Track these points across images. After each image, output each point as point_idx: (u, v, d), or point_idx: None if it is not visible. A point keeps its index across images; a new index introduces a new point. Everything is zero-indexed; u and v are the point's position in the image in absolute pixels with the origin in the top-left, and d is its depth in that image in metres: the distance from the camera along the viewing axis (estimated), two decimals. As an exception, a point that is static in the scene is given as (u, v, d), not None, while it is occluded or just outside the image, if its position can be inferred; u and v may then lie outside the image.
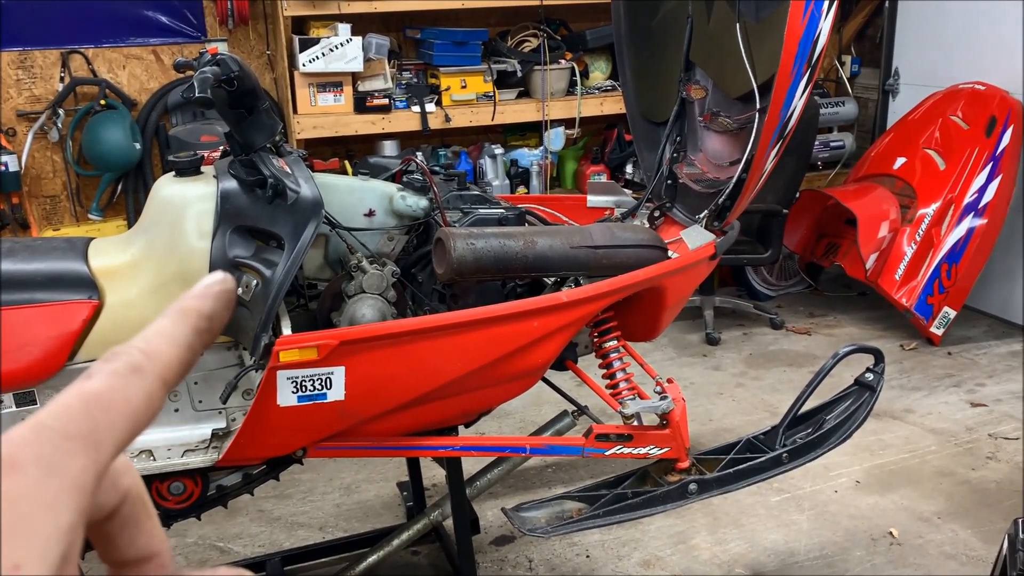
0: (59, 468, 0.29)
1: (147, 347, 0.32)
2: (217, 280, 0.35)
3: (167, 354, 0.32)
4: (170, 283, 1.70)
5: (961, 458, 3.02)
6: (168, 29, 3.86)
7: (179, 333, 0.33)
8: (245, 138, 1.74)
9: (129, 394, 0.31)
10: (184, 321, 0.33)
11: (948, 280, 3.84)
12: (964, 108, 3.96)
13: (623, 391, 1.97)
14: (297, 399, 1.63)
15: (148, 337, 0.32)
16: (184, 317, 0.33)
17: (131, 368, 0.31)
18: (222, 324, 0.35)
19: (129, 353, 0.32)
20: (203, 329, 0.34)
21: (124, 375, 0.31)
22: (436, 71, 3.88)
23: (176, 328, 0.33)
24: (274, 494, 2.84)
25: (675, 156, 2.29)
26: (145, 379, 0.31)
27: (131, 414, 0.31)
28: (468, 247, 1.72)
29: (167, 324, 0.33)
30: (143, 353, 0.32)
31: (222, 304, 0.35)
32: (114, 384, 0.30)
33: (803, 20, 1.75)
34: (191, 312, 0.34)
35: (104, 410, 0.30)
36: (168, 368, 0.32)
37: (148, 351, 0.32)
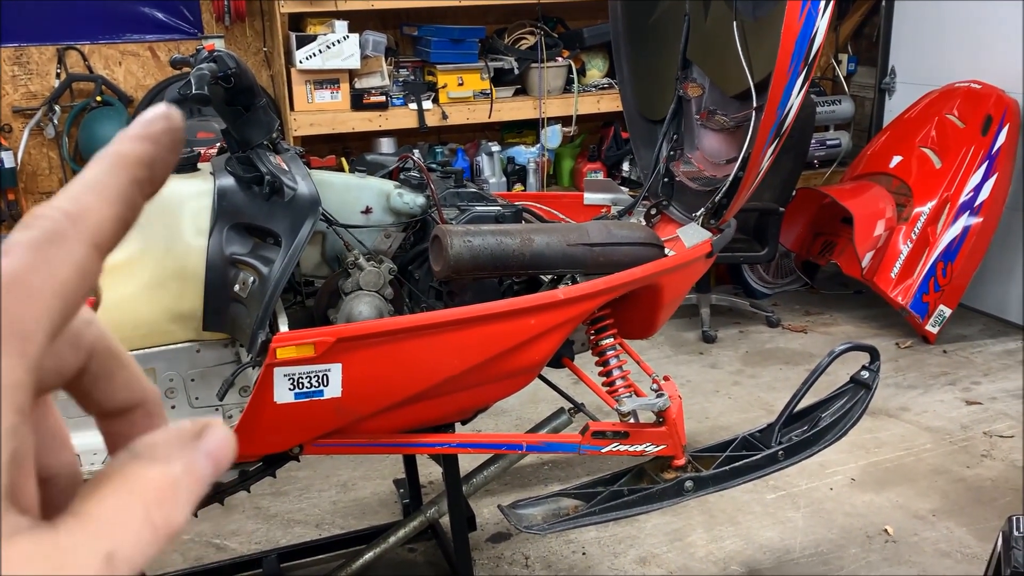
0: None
1: (72, 206, 0.26)
2: (159, 115, 0.29)
3: (98, 212, 0.27)
4: (167, 280, 1.70)
5: (956, 456, 3.03)
6: (164, 25, 3.86)
7: (113, 184, 0.27)
8: (242, 135, 1.74)
9: (52, 267, 0.26)
10: (119, 169, 0.28)
11: (944, 278, 3.85)
12: (960, 107, 3.97)
13: (620, 389, 1.98)
14: (294, 396, 1.63)
15: (74, 193, 0.27)
16: (119, 164, 0.28)
17: (51, 236, 0.26)
18: (167, 171, 0.29)
19: (48, 216, 0.26)
20: (143, 179, 0.28)
21: (44, 246, 0.26)
22: (433, 68, 3.87)
23: (109, 178, 0.27)
24: (271, 491, 2.84)
25: (672, 154, 2.29)
26: (72, 247, 0.26)
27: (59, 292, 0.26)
28: (465, 244, 1.72)
29: (98, 174, 0.27)
30: (67, 215, 0.26)
31: (166, 146, 0.29)
32: (33, 261, 0.25)
33: (800, 18, 1.75)
34: (127, 157, 0.28)
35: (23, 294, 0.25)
36: (100, 228, 0.27)
37: (73, 211, 0.26)
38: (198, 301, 1.71)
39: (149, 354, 1.74)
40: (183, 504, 0.27)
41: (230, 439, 0.29)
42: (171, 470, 0.27)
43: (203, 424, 0.29)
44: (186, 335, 1.75)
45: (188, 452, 0.28)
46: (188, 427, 0.29)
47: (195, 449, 0.28)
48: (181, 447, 0.28)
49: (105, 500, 0.27)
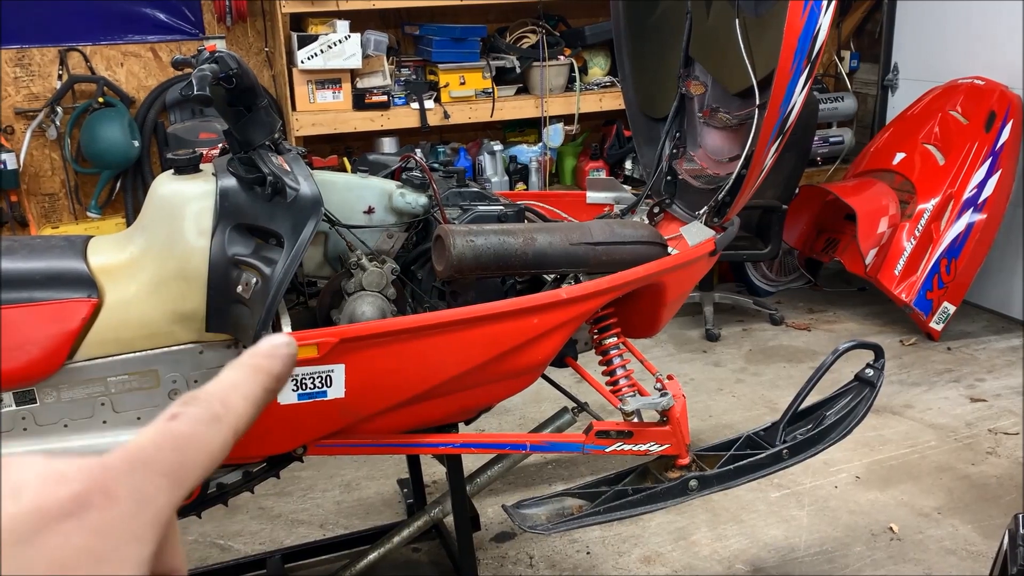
0: (150, 503, 0.31)
1: (224, 399, 0.35)
2: (285, 343, 0.38)
3: (240, 408, 0.35)
4: (169, 281, 1.70)
5: (961, 453, 3.02)
6: (166, 26, 3.86)
7: (251, 390, 0.36)
8: (244, 136, 1.73)
9: (210, 440, 0.34)
10: (256, 380, 0.37)
11: (947, 275, 3.84)
12: (963, 103, 3.96)
13: (623, 388, 1.97)
14: (297, 397, 1.63)
15: (224, 388, 0.36)
16: (256, 376, 0.37)
17: (213, 417, 0.34)
18: (284, 384, 0.38)
19: (210, 403, 0.35)
20: (271, 389, 0.37)
21: (207, 422, 0.34)
22: (435, 67, 3.87)
23: (249, 385, 0.36)
24: (274, 491, 2.84)
25: (674, 152, 2.29)
26: (222, 428, 0.34)
27: (209, 458, 0.34)
28: (468, 244, 1.72)
29: (241, 379, 0.36)
30: (222, 404, 0.35)
31: (289, 367, 0.38)
32: (199, 430, 0.34)
33: (803, 15, 1.74)
34: (264, 372, 0.37)
35: (190, 452, 0.33)
36: (240, 421, 0.35)
37: (225, 403, 0.35)
38: (200, 302, 1.70)
39: (152, 356, 1.74)
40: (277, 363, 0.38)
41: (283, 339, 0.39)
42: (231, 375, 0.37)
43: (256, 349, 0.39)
44: (189, 336, 1.74)
45: None
46: None
47: None
48: None
49: None
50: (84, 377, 1.70)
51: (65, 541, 0.29)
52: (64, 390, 1.70)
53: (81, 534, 0.29)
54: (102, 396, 1.72)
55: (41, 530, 0.29)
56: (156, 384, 1.75)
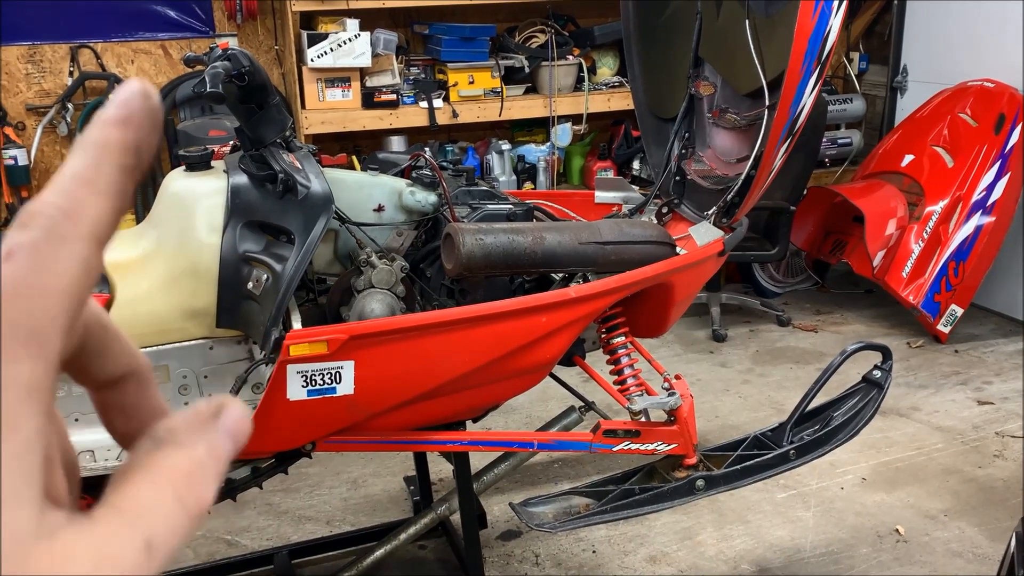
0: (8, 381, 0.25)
1: (67, 202, 0.26)
2: (135, 93, 0.28)
3: (93, 207, 0.26)
4: (181, 277, 1.71)
5: (968, 456, 3.02)
6: (177, 24, 3.87)
7: (103, 176, 0.27)
8: (255, 133, 1.75)
9: (60, 268, 0.26)
10: (106, 159, 0.27)
11: (955, 278, 3.83)
12: (973, 105, 3.95)
13: (631, 387, 1.98)
14: (307, 393, 1.64)
15: (65, 188, 0.26)
16: (105, 153, 0.27)
17: (53, 236, 0.26)
18: (152, 153, 0.28)
19: (46, 215, 0.26)
20: (131, 166, 0.27)
21: (47, 247, 0.26)
22: (444, 67, 3.88)
23: (98, 170, 0.27)
24: (281, 488, 2.85)
25: (683, 152, 2.29)
26: (73, 244, 0.26)
27: (69, 291, 0.26)
28: (477, 242, 1.72)
29: (86, 167, 0.27)
30: (64, 212, 0.26)
31: (148, 128, 0.28)
32: (39, 262, 0.25)
33: (813, 17, 1.74)
34: (112, 145, 0.27)
35: (36, 296, 0.25)
36: (98, 223, 0.27)
37: (69, 208, 0.26)
38: (211, 298, 1.71)
39: (162, 351, 1.75)
40: (210, 483, 0.29)
41: (246, 415, 0.30)
42: (195, 453, 0.29)
43: (218, 404, 0.30)
44: (199, 332, 1.76)
45: (208, 433, 0.29)
46: (204, 408, 0.30)
47: (214, 429, 0.29)
48: (201, 429, 0.29)
49: (137, 490, 0.27)
50: (95, 372, 1.71)
51: None
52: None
53: None
54: (113, 391, 1.73)
55: None
56: (166, 379, 1.76)
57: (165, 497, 0.27)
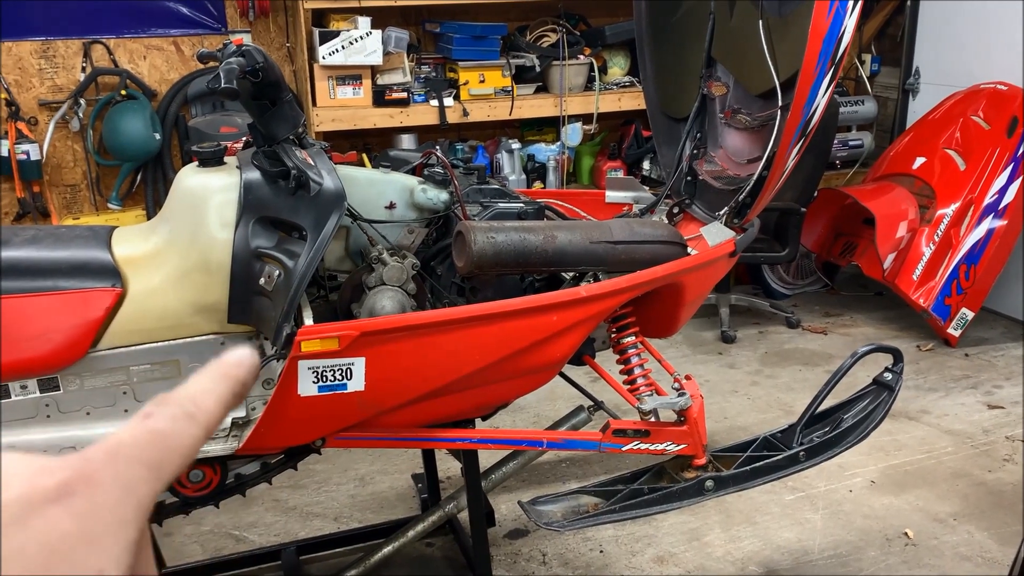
0: (133, 489, 0.33)
1: (197, 400, 0.38)
2: (250, 354, 0.41)
3: (211, 409, 0.38)
4: (192, 272, 1.71)
5: (977, 460, 3.00)
6: (189, 20, 3.88)
7: (221, 393, 0.39)
8: (268, 129, 1.75)
9: (184, 436, 0.36)
10: (225, 384, 0.39)
11: (966, 281, 3.82)
12: (985, 108, 3.93)
13: (641, 387, 1.97)
14: (318, 389, 1.64)
15: (196, 391, 0.38)
16: (225, 380, 0.39)
17: (188, 416, 0.37)
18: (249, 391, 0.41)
19: (183, 403, 0.37)
20: (238, 394, 0.40)
21: (183, 420, 0.37)
22: (455, 65, 3.88)
23: (219, 388, 0.39)
24: (289, 484, 2.86)
25: (695, 153, 2.29)
26: (196, 427, 0.37)
27: (184, 452, 0.36)
28: (488, 240, 1.72)
29: (212, 384, 0.39)
30: (194, 404, 0.37)
31: (253, 375, 0.41)
32: (176, 427, 0.36)
33: (828, 17, 1.74)
34: (232, 378, 0.39)
35: (168, 447, 0.35)
36: (211, 420, 0.38)
37: (197, 403, 0.38)
38: (223, 294, 1.72)
39: (173, 346, 1.75)
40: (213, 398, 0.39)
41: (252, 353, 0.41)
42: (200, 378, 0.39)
43: None
44: (210, 327, 1.76)
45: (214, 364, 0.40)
46: None
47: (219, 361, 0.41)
48: None
49: None
50: (107, 366, 1.72)
51: (53, 525, 0.31)
52: (87, 378, 1.72)
53: (68, 518, 0.31)
54: (124, 385, 1.74)
55: (30, 515, 0.31)
56: (178, 374, 1.77)
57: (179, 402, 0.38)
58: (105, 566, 0.31)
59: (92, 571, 0.31)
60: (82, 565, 0.31)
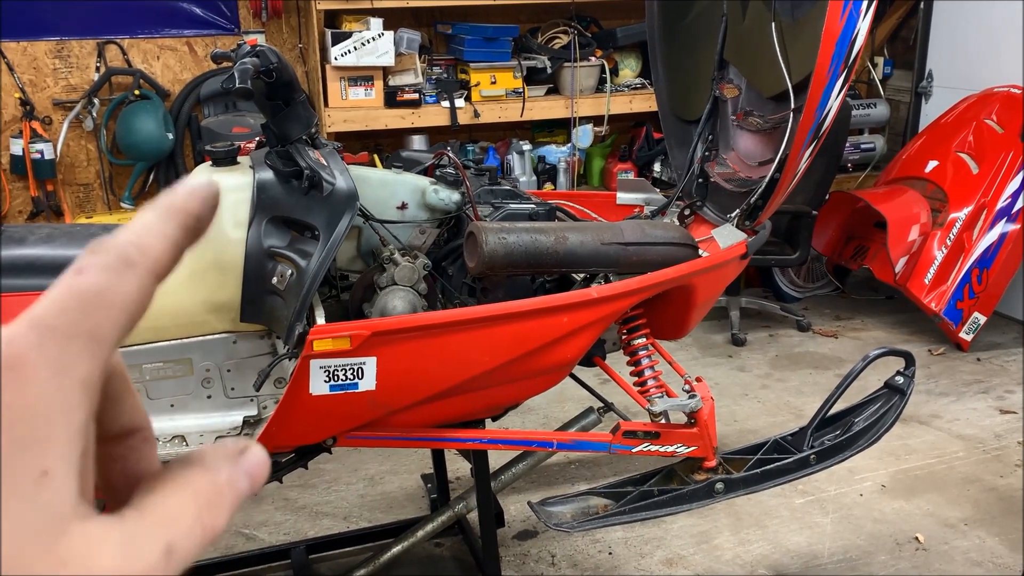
0: (69, 369, 0.28)
1: (137, 240, 0.31)
2: (205, 183, 0.34)
3: (157, 248, 0.31)
4: (205, 271, 1.72)
5: (989, 465, 2.99)
6: (202, 21, 3.90)
7: (168, 229, 0.32)
8: (282, 129, 1.76)
9: (124, 289, 0.30)
10: (172, 218, 0.32)
11: (979, 285, 3.80)
12: (999, 112, 3.92)
13: (651, 388, 1.97)
14: (329, 388, 1.64)
15: (137, 231, 0.32)
16: (172, 214, 0.33)
17: (124, 262, 0.30)
18: (207, 227, 0.34)
19: (120, 247, 0.31)
20: (190, 227, 0.33)
21: (118, 269, 0.30)
22: (466, 66, 3.89)
23: (165, 224, 0.32)
24: (299, 483, 2.86)
25: (707, 155, 2.28)
26: (138, 273, 0.31)
27: (127, 308, 0.30)
28: (500, 241, 1.73)
29: (155, 220, 0.32)
30: (135, 247, 0.31)
31: (209, 206, 0.34)
32: (110, 279, 0.30)
33: (841, 19, 1.73)
34: (180, 210, 0.33)
35: (103, 306, 0.29)
36: (158, 263, 0.31)
37: (139, 245, 0.31)
38: (236, 292, 1.73)
39: (186, 344, 1.76)
40: (226, 510, 0.31)
41: (266, 462, 0.34)
42: (218, 478, 0.32)
43: (244, 444, 0.34)
44: (223, 326, 1.77)
45: (232, 465, 0.32)
46: (232, 445, 0.33)
47: (237, 464, 0.33)
48: (227, 460, 0.33)
49: (164, 498, 0.31)
50: (120, 363, 1.73)
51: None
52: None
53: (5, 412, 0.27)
54: (137, 383, 1.75)
55: None
56: (190, 372, 1.78)
57: (188, 510, 0.30)
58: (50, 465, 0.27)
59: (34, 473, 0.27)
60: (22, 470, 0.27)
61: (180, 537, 0.29)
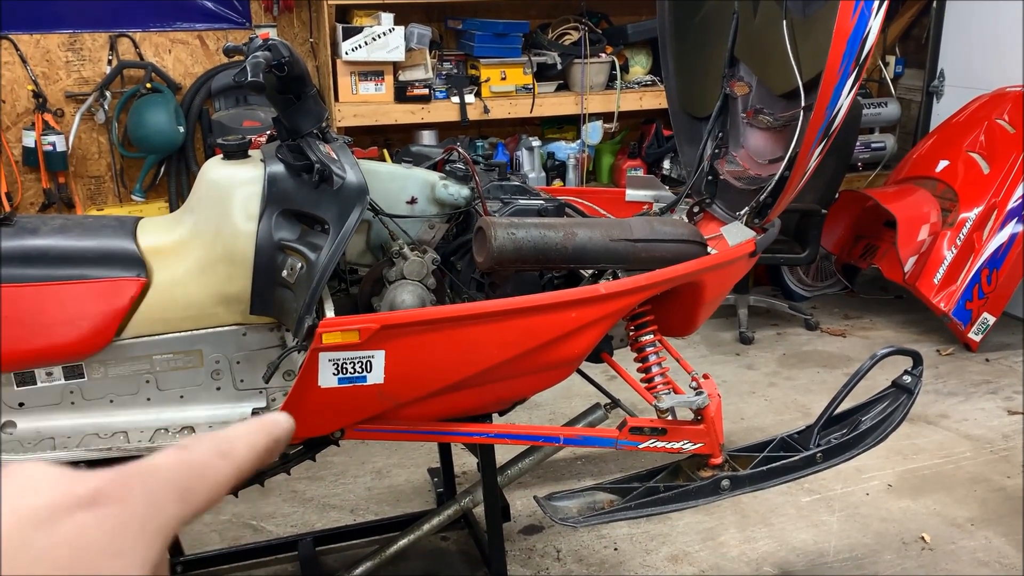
0: (161, 509, 0.34)
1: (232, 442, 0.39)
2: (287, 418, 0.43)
3: (244, 452, 0.39)
4: (216, 263, 1.73)
5: (996, 465, 2.98)
6: (214, 15, 3.92)
7: (258, 444, 0.40)
8: (293, 123, 1.76)
9: (216, 470, 0.37)
10: (263, 437, 0.41)
11: (988, 286, 3.78)
12: (1011, 112, 3.90)
13: (659, 385, 1.98)
14: (338, 381, 1.65)
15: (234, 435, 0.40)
16: (262, 432, 0.41)
17: (222, 453, 0.38)
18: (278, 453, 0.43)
19: (219, 442, 0.39)
20: (271, 450, 0.41)
21: (216, 456, 0.38)
22: (476, 62, 3.89)
23: (257, 439, 0.40)
24: (307, 475, 2.88)
25: (716, 152, 2.28)
26: (228, 465, 0.38)
27: (213, 487, 0.37)
28: (509, 236, 1.73)
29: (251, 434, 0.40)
30: (230, 444, 0.39)
31: (286, 437, 0.42)
32: (208, 460, 0.38)
33: (853, 17, 1.73)
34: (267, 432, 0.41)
35: (198, 477, 0.37)
36: (243, 463, 0.39)
37: (232, 444, 0.39)
38: (246, 285, 1.74)
39: (196, 336, 1.78)
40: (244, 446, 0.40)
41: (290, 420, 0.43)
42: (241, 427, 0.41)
43: None
44: (233, 318, 1.78)
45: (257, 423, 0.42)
46: None
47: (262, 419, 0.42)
48: None
49: None
50: (131, 354, 1.74)
51: (81, 531, 0.32)
52: (111, 366, 1.74)
53: (96, 525, 0.32)
54: (147, 374, 1.76)
55: (59, 519, 0.31)
56: (200, 364, 1.79)
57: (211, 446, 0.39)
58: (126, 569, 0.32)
59: None
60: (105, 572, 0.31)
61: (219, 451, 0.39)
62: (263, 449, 0.41)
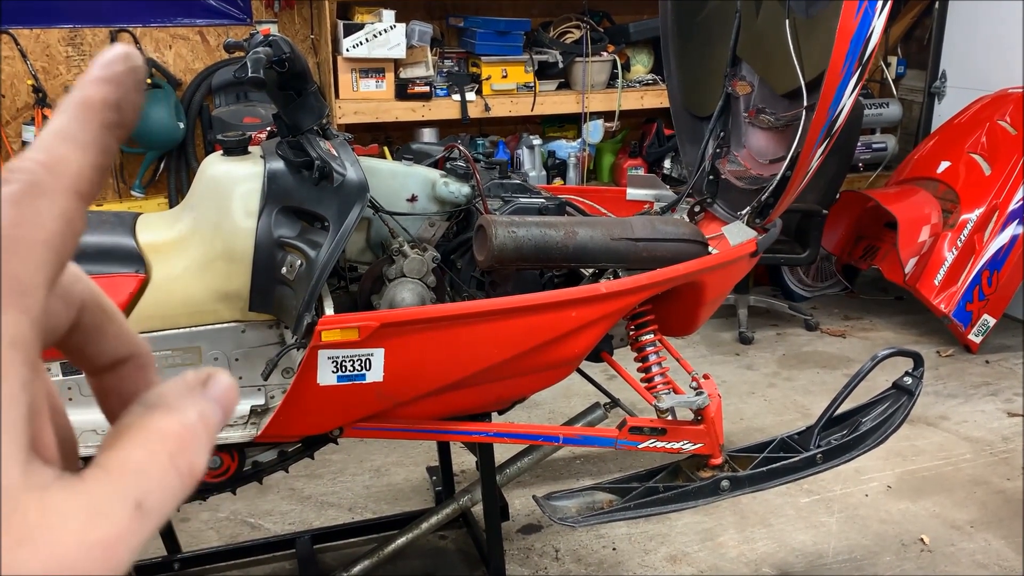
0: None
1: (48, 157, 0.26)
2: (118, 56, 0.28)
3: (75, 161, 0.27)
4: (216, 260, 1.73)
5: (996, 467, 2.98)
6: (215, 11, 3.91)
7: (85, 133, 0.27)
8: (293, 120, 1.76)
9: (40, 220, 0.25)
10: (88, 116, 0.27)
11: (989, 287, 3.78)
12: (1013, 113, 3.89)
13: (659, 385, 1.97)
14: (337, 379, 1.65)
15: (47, 144, 0.27)
16: (87, 111, 0.27)
17: (33, 188, 0.26)
18: (136, 112, 0.28)
19: (26, 169, 0.26)
20: (113, 122, 0.28)
21: (27, 199, 0.25)
22: (477, 60, 3.88)
23: (80, 126, 0.27)
24: (305, 473, 2.87)
25: (718, 151, 2.28)
26: (54, 197, 0.26)
27: (51, 243, 0.26)
28: (509, 235, 1.72)
29: (68, 123, 0.27)
30: (44, 166, 0.26)
31: (130, 86, 0.28)
32: (18, 215, 0.25)
33: (856, 17, 1.73)
34: (94, 103, 0.27)
35: (16, 248, 0.25)
36: (80, 177, 0.27)
37: (50, 162, 0.26)
38: (245, 282, 1.73)
39: (195, 333, 1.77)
40: (202, 448, 0.28)
41: (234, 384, 0.30)
42: (187, 418, 0.28)
43: (206, 373, 0.30)
44: (232, 315, 1.77)
45: (198, 400, 0.29)
46: (192, 377, 0.30)
47: (204, 396, 0.29)
48: (191, 396, 0.29)
49: (129, 451, 0.27)
50: (129, 351, 1.73)
51: None
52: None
53: None
54: (146, 370, 1.75)
55: None
56: (198, 360, 1.78)
57: (158, 459, 0.27)
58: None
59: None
60: None
61: (152, 490, 0.26)
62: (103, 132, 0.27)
